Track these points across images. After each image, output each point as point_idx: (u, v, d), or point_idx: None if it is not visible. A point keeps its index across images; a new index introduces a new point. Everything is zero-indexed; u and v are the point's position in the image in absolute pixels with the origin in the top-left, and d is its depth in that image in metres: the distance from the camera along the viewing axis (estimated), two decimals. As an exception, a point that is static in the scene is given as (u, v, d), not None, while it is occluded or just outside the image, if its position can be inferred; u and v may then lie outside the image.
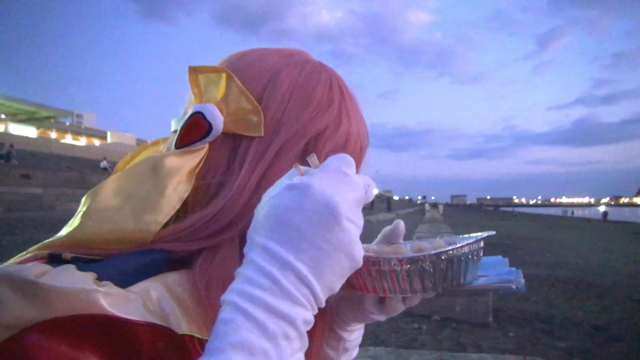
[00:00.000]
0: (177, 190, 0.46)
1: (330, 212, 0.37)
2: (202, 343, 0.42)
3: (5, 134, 31.96)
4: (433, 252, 0.47)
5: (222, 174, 0.48)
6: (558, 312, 5.45)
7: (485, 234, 0.54)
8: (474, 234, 0.54)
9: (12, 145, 23.42)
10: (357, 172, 0.59)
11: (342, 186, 0.39)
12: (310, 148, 0.49)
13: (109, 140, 50.14)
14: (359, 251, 0.40)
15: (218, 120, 0.48)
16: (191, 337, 0.41)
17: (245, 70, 0.51)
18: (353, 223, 0.39)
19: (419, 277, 0.47)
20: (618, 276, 8.41)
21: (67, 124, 54.60)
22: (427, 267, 0.47)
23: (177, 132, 0.49)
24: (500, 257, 0.58)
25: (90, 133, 56.65)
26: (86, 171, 23.30)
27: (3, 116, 43.10)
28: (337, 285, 0.39)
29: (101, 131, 57.34)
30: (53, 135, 46.52)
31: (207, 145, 0.48)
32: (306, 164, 0.48)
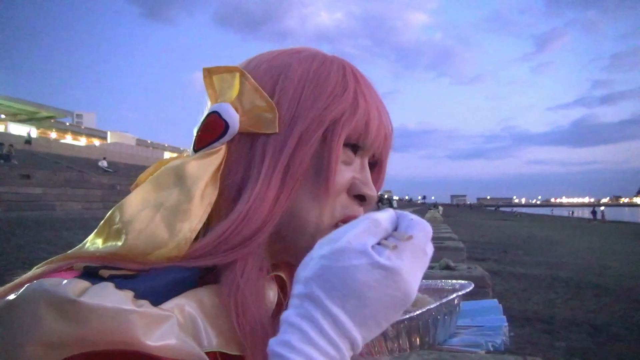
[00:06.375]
0: (205, 195, 0.45)
1: (406, 299, 0.38)
2: (227, 357, 0.42)
3: (5, 134, 31.97)
4: (411, 315, 0.45)
5: (242, 174, 0.47)
6: (558, 312, 5.45)
7: (463, 290, 0.50)
8: (451, 282, 0.52)
9: (11, 145, 23.42)
10: (385, 165, 0.56)
11: (422, 270, 0.39)
12: (329, 135, 0.47)
13: (109, 140, 50.18)
14: None
15: (234, 118, 0.47)
16: (215, 353, 0.41)
17: (256, 69, 0.50)
18: None
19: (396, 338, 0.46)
20: (618, 276, 8.41)
21: (67, 124, 54.64)
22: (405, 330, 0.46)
23: (195, 135, 0.49)
24: (495, 303, 0.57)
25: (90, 133, 56.67)
26: (86, 171, 23.25)
27: (3, 116, 43.11)
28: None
29: (101, 131, 57.39)
30: (53, 135, 46.51)
31: (225, 146, 0.47)
32: (326, 151, 0.47)
